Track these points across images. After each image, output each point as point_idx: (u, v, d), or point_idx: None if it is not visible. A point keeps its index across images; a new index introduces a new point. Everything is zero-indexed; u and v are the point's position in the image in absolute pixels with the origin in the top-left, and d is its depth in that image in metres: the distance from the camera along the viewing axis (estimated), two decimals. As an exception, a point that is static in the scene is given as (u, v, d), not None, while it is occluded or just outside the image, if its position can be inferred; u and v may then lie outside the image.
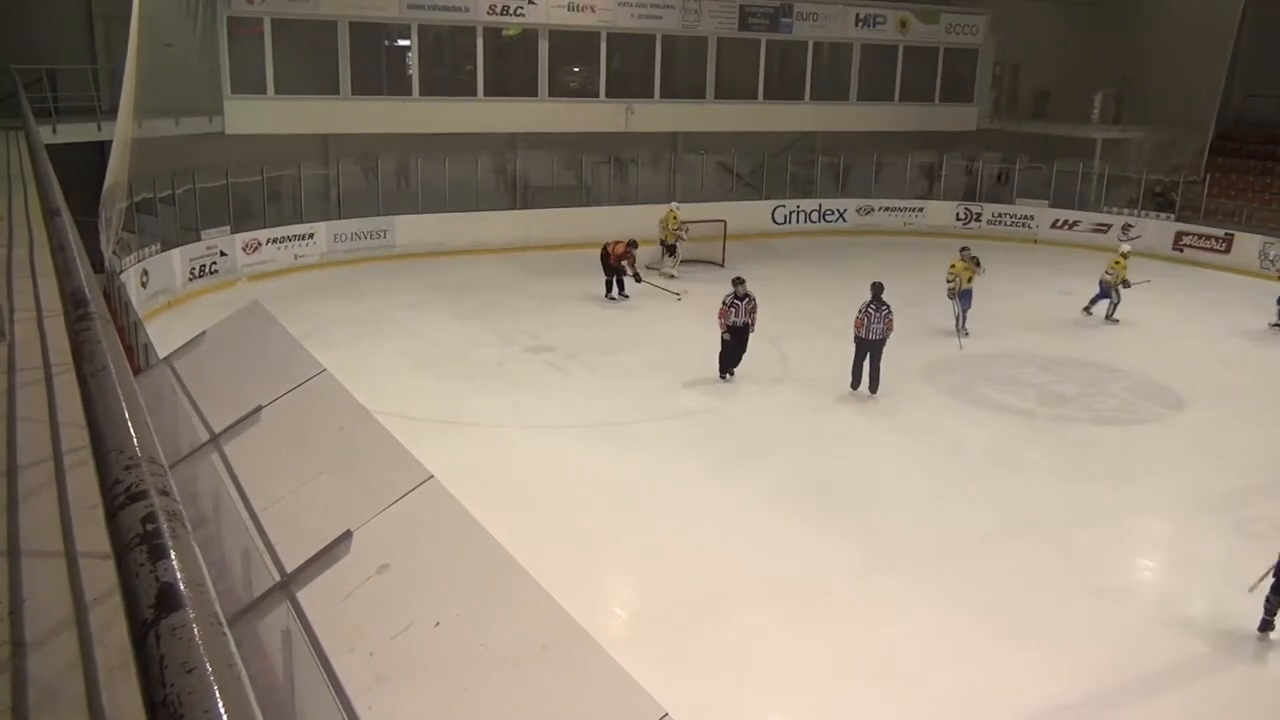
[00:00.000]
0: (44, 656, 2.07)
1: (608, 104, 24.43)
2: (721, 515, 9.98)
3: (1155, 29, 25.61)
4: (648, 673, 2.74)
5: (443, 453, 9.14)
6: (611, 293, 18.99)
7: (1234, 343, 17.14)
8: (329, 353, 11.95)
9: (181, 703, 0.93)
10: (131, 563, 1.16)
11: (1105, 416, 13.38)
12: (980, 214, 26.74)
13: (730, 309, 13.82)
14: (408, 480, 3.46)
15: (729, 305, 13.83)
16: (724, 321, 13.87)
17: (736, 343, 14.01)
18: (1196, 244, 23.89)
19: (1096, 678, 7.50)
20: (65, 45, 18.18)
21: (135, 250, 16.48)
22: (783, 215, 26.29)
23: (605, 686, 2.72)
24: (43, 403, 3.48)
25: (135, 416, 1.62)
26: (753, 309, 13.99)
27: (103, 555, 2.00)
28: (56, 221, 4.28)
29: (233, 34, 20.51)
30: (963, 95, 28.74)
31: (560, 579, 3.60)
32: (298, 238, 20.63)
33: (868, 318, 13.51)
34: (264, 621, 3.24)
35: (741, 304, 13.88)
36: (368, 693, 2.90)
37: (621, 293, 19.02)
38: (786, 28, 26.04)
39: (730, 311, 13.82)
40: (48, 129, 14.72)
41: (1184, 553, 9.86)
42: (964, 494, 10.76)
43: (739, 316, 13.89)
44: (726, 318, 13.86)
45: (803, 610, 8.27)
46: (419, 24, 22.39)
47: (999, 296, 19.90)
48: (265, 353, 5.52)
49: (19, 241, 6.34)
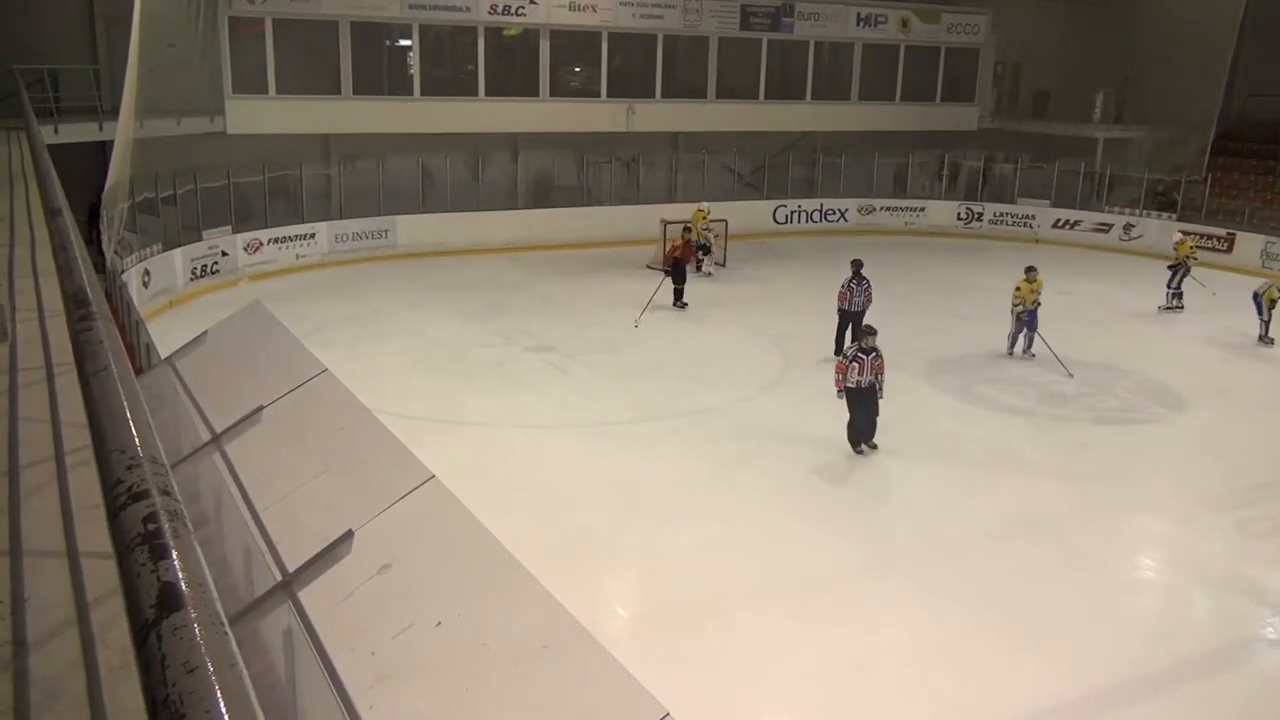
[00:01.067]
0: (45, 656, 2.07)
1: (609, 104, 24.44)
2: (722, 515, 9.98)
3: (1156, 28, 25.59)
4: (648, 672, 2.75)
5: (443, 452, 9.15)
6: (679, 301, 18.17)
7: (1235, 342, 17.12)
8: (330, 352, 11.97)
9: (183, 702, 0.93)
10: (133, 562, 1.16)
11: (1106, 416, 13.37)
12: (982, 214, 26.74)
13: (852, 365, 11.20)
14: (409, 480, 3.47)
15: (850, 360, 11.21)
16: (842, 380, 11.21)
17: (862, 408, 11.32)
18: (1198, 244, 23.82)
19: (1096, 678, 7.49)
20: (67, 45, 18.20)
21: (137, 250, 16.49)
22: (784, 215, 26.30)
23: (607, 686, 2.72)
24: (44, 402, 3.48)
25: (137, 416, 1.62)
26: (880, 367, 11.30)
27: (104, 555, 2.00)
28: (58, 221, 4.28)
29: (234, 34, 20.53)
30: (964, 95, 28.74)
31: (561, 578, 3.60)
32: (299, 237, 20.64)
33: (850, 291, 14.97)
34: (265, 621, 3.24)
35: (867, 359, 11.18)
36: (369, 692, 2.90)
37: (679, 300, 18.24)
38: (788, 27, 26.04)
39: (852, 368, 11.19)
40: (49, 129, 14.73)
41: (1184, 553, 9.85)
42: (964, 494, 10.75)
43: (863, 375, 11.20)
44: (846, 375, 11.21)
45: (803, 610, 8.27)
46: (420, 24, 22.40)
47: (1000, 297, 19.89)
48: (266, 352, 5.52)
49: (20, 241, 6.34)
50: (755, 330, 16.94)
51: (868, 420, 11.38)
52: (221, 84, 20.39)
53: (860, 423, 11.36)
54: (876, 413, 11.39)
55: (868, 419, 11.39)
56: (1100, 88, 26.93)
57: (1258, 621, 8.45)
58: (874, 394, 11.28)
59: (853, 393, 11.19)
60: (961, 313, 18.47)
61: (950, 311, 18.54)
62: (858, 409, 11.31)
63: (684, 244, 18.35)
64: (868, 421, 11.39)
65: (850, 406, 11.31)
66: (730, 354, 15.71)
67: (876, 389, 11.28)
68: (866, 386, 11.22)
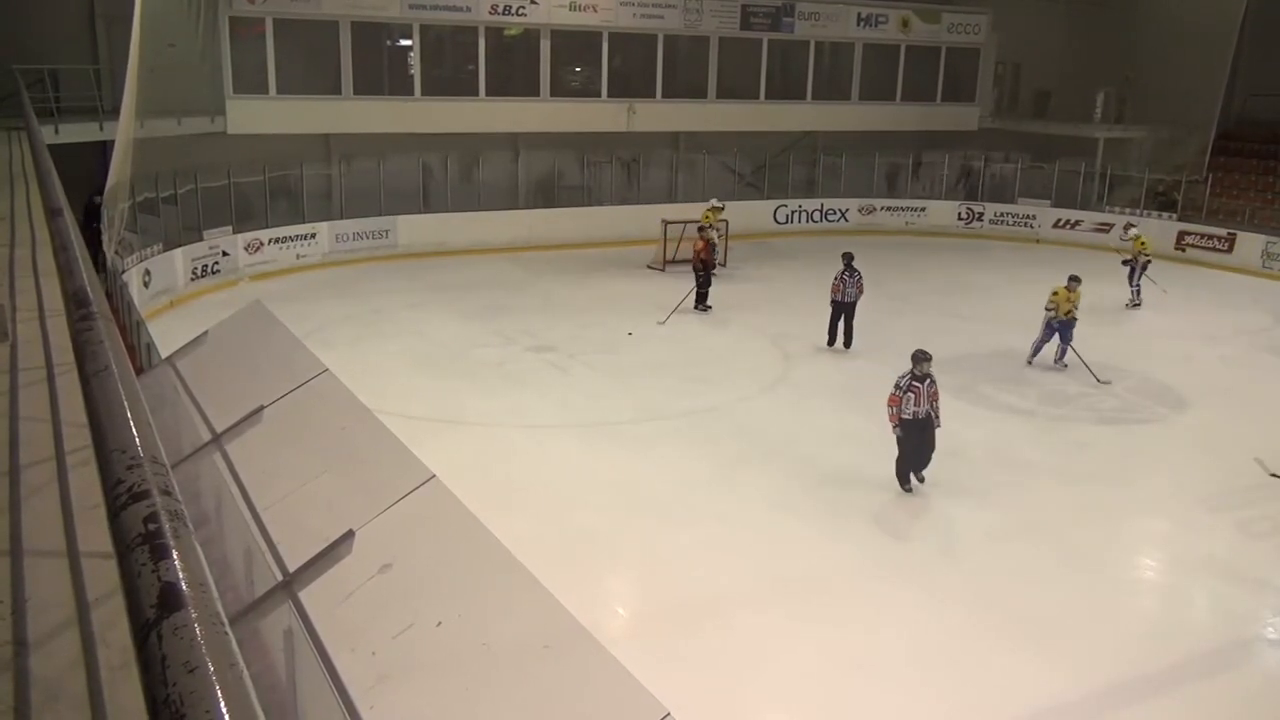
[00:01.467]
0: (46, 656, 2.07)
1: (609, 104, 24.44)
2: (722, 515, 9.98)
3: (1157, 28, 25.59)
4: (649, 672, 2.75)
5: (444, 452, 9.15)
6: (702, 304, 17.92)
7: (1236, 342, 17.12)
8: (330, 352, 11.97)
9: (183, 702, 0.93)
10: (133, 562, 1.16)
11: (1107, 416, 13.37)
12: (982, 214, 26.74)
13: (906, 395, 10.21)
14: (410, 480, 3.47)
15: (904, 391, 10.20)
16: (896, 413, 10.24)
17: (918, 441, 10.36)
18: (1199, 243, 23.88)
19: (1096, 678, 7.49)
20: (67, 45, 18.20)
21: (137, 250, 16.50)
22: (784, 215, 26.30)
23: (607, 686, 2.72)
24: (45, 402, 3.48)
25: (137, 416, 1.62)
26: (935, 394, 10.39)
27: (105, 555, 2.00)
28: (58, 221, 4.28)
29: (235, 34, 20.53)
30: (964, 95, 28.74)
31: (561, 578, 3.60)
32: (300, 237, 20.65)
33: (843, 283, 15.46)
34: (266, 621, 3.25)
35: (922, 387, 10.24)
36: (370, 692, 2.91)
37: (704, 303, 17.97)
38: (788, 27, 26.04)
39: (906, 399, 10.20)
40: (50, 129, 14.74)
41: (1184, 553, 9.85)
42: (965, 493, 10.74)
43: (919, 405, 10.25)
44: (901, 408, 10.21)
45: (803, 610, 8.27)
46: (420, 24, 22.41)
47: (1001, 296, 19.91)
48: (267, 352, 5.52)
49: (21, 241, 6.34)
50: (756, 330, 16.94)
51: (922, 454, 10.38)
52: (222, 84, 20.39)
53: (913, 457, 10.39)
54: (933, 446, 10.38)
55: (922, 453, 10.37)
56: (1101, 88, 26.94)
57: (1258, 621, 8.46)
58: (931, 425, 10.29)
59: (909, 425, 10.17)
60: (962, 313, 18.47)
61: (951, 311, 18.54)
62: (912, 442, 10.25)
63: (705, 244, 18.07)
64: (922, 456, 10.39)
65: (903, 440, 10.28)
66: (731, 354, 15.71)
67: (934, 419, 10.33)
68: (923, 417, 10.21)
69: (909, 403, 10.13)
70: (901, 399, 10.15)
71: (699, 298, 17.92)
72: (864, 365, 15.16)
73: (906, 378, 10.23)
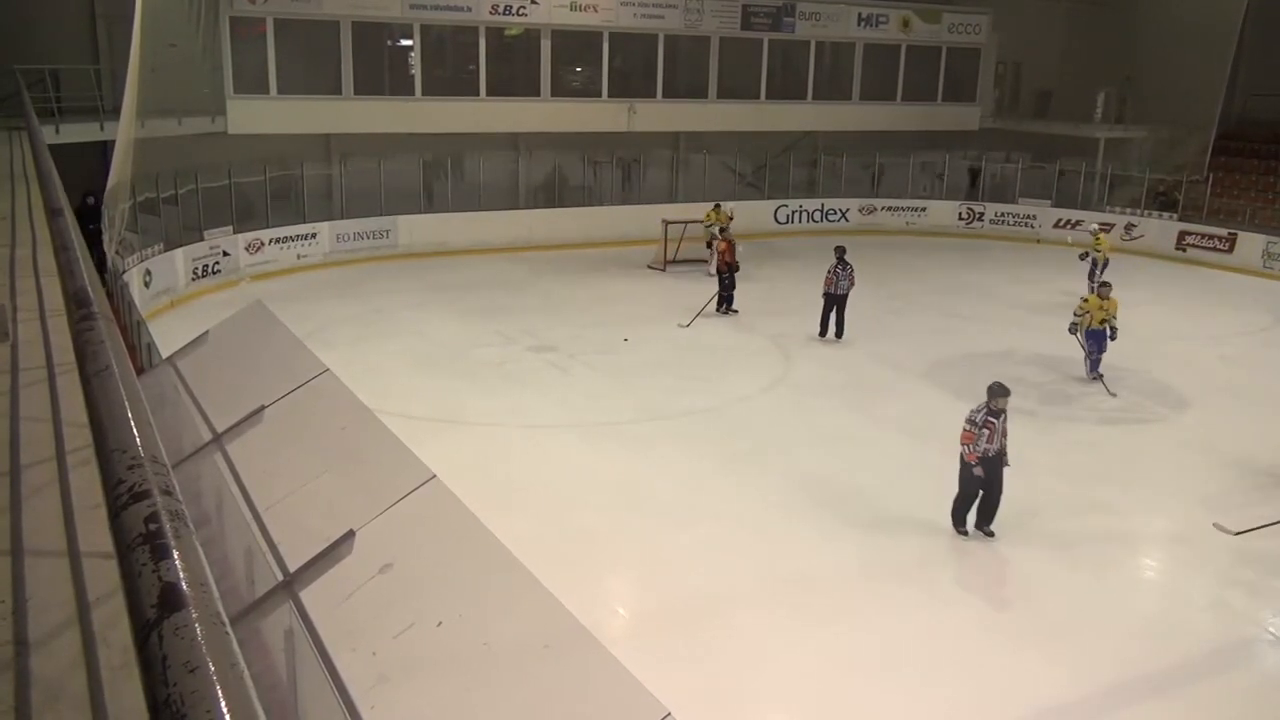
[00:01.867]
0: (47, 656, 2.07)
1: (610, 104, 24.44)
2: (723, 515, 9.98)
3: (1158, 28, 25.60)
4: (649, 672, 2.75)
5: (444, 452, 9.15)
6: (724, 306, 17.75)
7: (1237, 342, 17.12)
8: (331, 352, 11.97)
9: (184, 702, 0.93)
10: (134, 562, 1.16)
11: (1108, 416, 13.35)
12: (983, 213, 26.74)
13: (981, 431, 9.19)
14: (410, 480, 3.47)
15: (978, 426, 9.19)
16: (972, 450, 9.23)
17: (985, 481, 9.36)
18: (1199, 243, 23.87)
19: (1096, 678, 7.49)
20: (68, 45, 18.21)
21: (138, 250, 16.50)
22: (785, 215, 26.30)
23: (608, 686, 2.72)
24: (45, 402, 3.48)
25: (138, 416, 1.62)
26: (1006, 432, 9.43)
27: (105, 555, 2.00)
28: (59, 221, 4.28)
29: (235, 34, 20.54)
30: (965, 95, 28.74)
31: (561, 578, 3.60)
32: (300, 237, 20.65)
33: (836, 276, 16.02)
34: (267, 621, 3.25)
35: (997, 424, 9.23)
36: (370, 692, 2.91)
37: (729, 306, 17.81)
38: (789, 27, 26.04)
39: (980, 435, 9.19)
40: (51, 129, 14.74)
41: (1184, 553, 9.84)
42: (966, 494, 10.73)
43: (992, 442, 9.22)
44: (975, 445, 9.22)
45: (803, 610, 8.26)
46: (421, 24, 22.42)
47: (1001, 296, 19.91)
48: (268, 352, 5.53)
49: (22, 241, 6.34)
50: (756, 330, 16.94)
51: (990, 497, 9.41)
52: (223, 84, 20.40)
53: (974, 499, 9.45)
54: (1000, 489, 9.41)
55: (990, 496, 9.41)
56: (1101, 87, 26.94)
57: (1258, 621, 8.45)
58: (1000, 465, 9.34)
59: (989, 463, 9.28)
60: (962, 313, 18.46)
61: (951, 311, 18.53)
62: (981, 482, 9.33)
63: (728, 246, 17.82)
64: (990, 499, 9.42)
65: (970, 479, 9.35)
66: (731, 353, 15.71)
67: (1003, 458, 9.38)
68: (994, 455, 9.26)
69: (981, 439, 9.16)
70: (976, 435, 9.17)
71: (722, 300, 17.76)
72: (865, 365, 15.18)
73: (981, 412, 9.23)
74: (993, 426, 9.17)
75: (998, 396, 9.24)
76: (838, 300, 16.16)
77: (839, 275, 16.06)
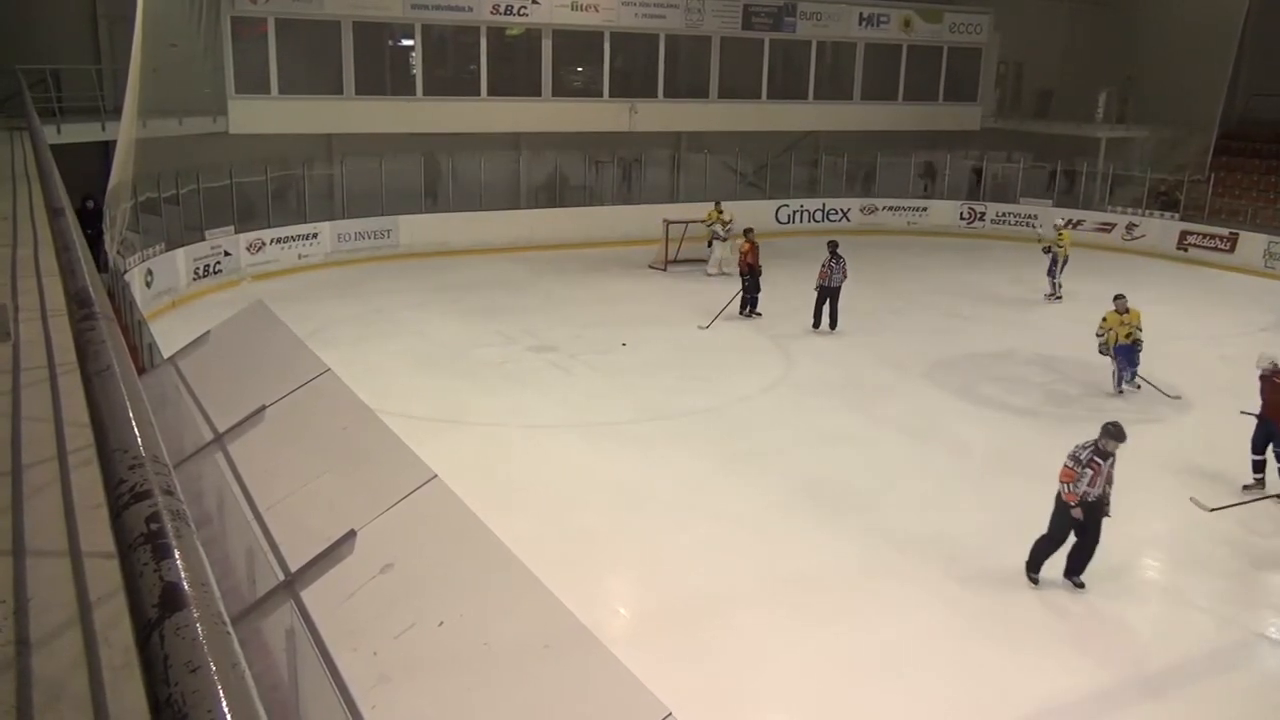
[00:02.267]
0: (48, 655, 2.07)
1: (611, 103, 24.44)
2: (723, 515, 9.98)
3: (1159, 28, 25.58)
4: (649, 672, 2.75)
5: (445, 452, 9.15)
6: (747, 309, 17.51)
7: (1238, 342, 17.08)
8: (332, 352, 11.96)
9: (185, 702, 0.93)
10: (135, 562, 1.16)
11: (1109, 416, 13.26)
12: (984, 213, 26.73)
13: (1084, 471, 8.41)
14: (411, 480, 3.47)
15: (1082, 465, 8.41)
16: (1072, 489, 8.43)
17: (1087, 527, 8.52)
18: (1201, 243, 23.86)
19: (1097, 678, 7.49)
20: (70, 45, 18.23)
21: (139, 250, 16.51)
22: (786, 215, 26.30)
23: (609, 685, 2.72)
24: (47, 402, 3.48)
25: (139, 416, 1.62)
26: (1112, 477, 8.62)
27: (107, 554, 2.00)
28: (60, 221, 4.28)
29: (237, 34, 20.56)
30: (966, 94, 28.74)
31: (562, 578, 3.60)
32: (302, 237, 20.66)
33: (830, 269, 16.40)
34: (268, 621, 3.25)
35: (1104, 465, 8.45)
36: (371, 692, 2.91)
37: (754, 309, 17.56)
38: (790, 27, 26.04)
39: (1083, 475, 8.40)
40: (52, 129, 14.75)
41: (1185, 553, 9.83)
42: (966, 494, 10.74)
43: (1093, 485, 8.41)
44: (1075, 484, 8.42)
45: (804, 610, 8.26)
46: (422, 24, 22.42)
47: (1002, 297, 19.90)
48: (269, 352, 5.53)
49: (23, 241, 6.35)
50: (756, 330, 16.95)
51: (1085, 546, 8.57)
52: (224, 84, 20.41)
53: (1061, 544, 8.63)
54: (1097, 539, 8.55)
55: (1085, 544, 8.56)
56: (1103, 87, 26.91)
57: (1258, 621, 8.45)
58: (1100, 512, 8.52)
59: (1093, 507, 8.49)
60: (964, 313, 18.46)
61: (953, 311, 18.53)
62: (1077, 529, 8.49)
63: (751, 247, 17.47)
64: (1083, 548, 8.58)
65: (1063, 522, 8.51)
66: (731, 353, 15.70)
67: (1105, 505, 8.55)
68: (1095, 500, 8.45)
69: (1083, 480, 8.36)
70: (1077, 474, 8.38)
71: (746, 303, 17.51)
72: (865, 365, 15.17)
73: (1088, 451, 8.44)
74: (1098, 468, 8.39)
75: (1111, 439, 8.44)
76: (831, 292, 16.53)
77: (832, 268, 16.43)
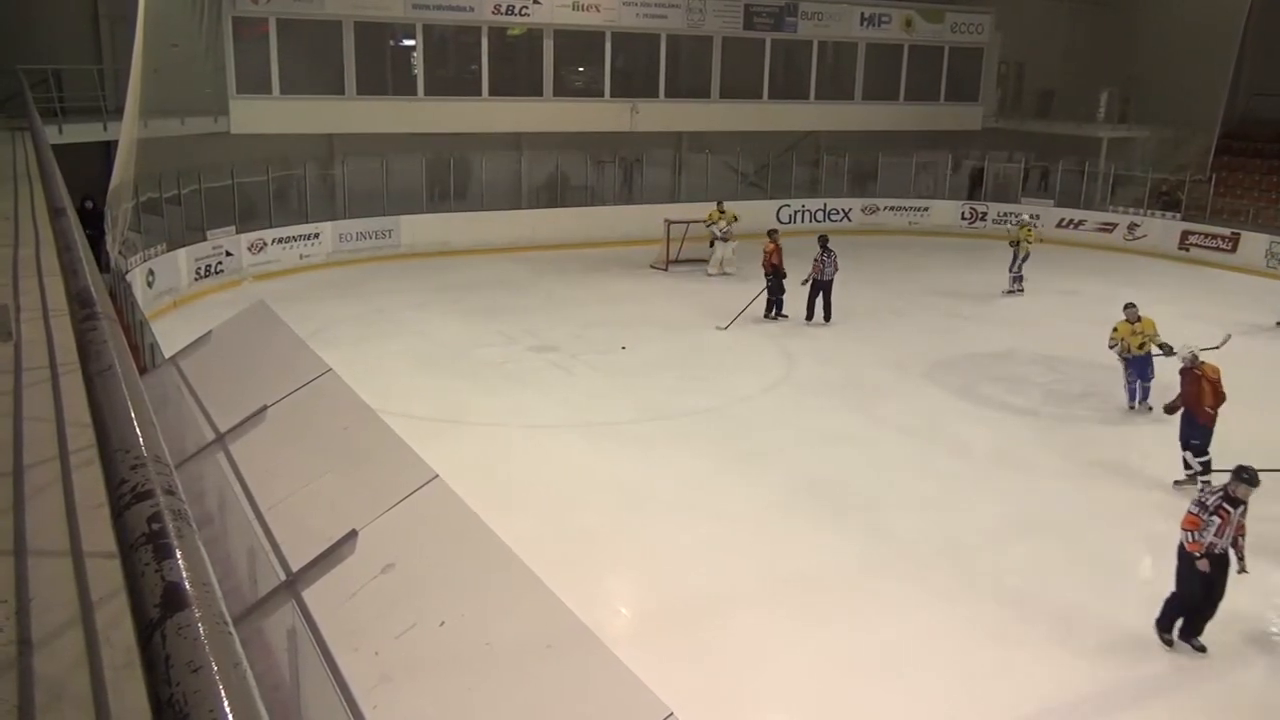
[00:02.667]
0: (49, 655, 2.07)
1: (613, 103, 24.44)
2: (724, 514, 9.98)
3: (1160, 27, 25.56)
4: (650, 671, 2.74)
5: (446, 452, 9.14)
6: (773, 311, 17.31)
7: (1239, 342, 17.04)
8: (334, 352, 11.96)
9: (187, 702, 0.94)
10: (137, 562, 1.16)
11: (1109, 416, 13.34)
12: (985, 213, 26.71)
13: (1210, 519, 7.53)
14: (413, 480, 3.47)
15: (1209, 513, 7.54)
16: (1196, 539, 7.59)
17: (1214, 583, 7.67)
18: (1202, 243, 23.84)
19: (1097, 678, 7.49)
20: (71, 45, 18.23)
21: (141, 250, 16.51)
22: (787, 214, 26.27)
23: (610, 685, 2.72)
24: (48, 402, 3.49)
25: (141, 416, 1.62)
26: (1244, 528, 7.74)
27: (108, 554, 2.01)
28: (62, 221, 4.29)
29: (238, 34, 20.56)
30: (968, 94, 28.72)
31: (563, 578, 3.60)
32: (303, 237, 20.66)
33: (822, 263, 16.77)
34: (269, 621, 3.25)
35: (1233, 514, 7.57)
36: (373, 692, 2.91)
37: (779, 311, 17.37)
38: (791, 27, 26.03)
39: (1209, 524, 7.54)
40: (54, 129, 14.75)
41: (1189, 553, 9.81)
42: (967, 493, 10.73)
43: (1219, 536, 7.57)
44: (1199, 533, 7.57)
45: (805, 609, 8.26)
46: (424, 24, 22.43)
47: (1003, 297, 19.89)
48: (270, 352, 5.53)
49: (25, 241, 6.35)
50: (757, 330, 16.94)
51: (1209, 602, 7.70)
52: (225, 84, 20.42)
53: (1198, 603, 7.73)
54: (1222, 594, 7.69)
55: (1209, 600, 7.70)
56: (1104, 87, 26.90)
57: (1258, 621, 8.43)
58: (1227, 566, 7.69)
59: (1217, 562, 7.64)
60: (965, 313, 18.45)
61: (954, 311, 18.53)
62: (1203, 584, 7.62)
63: (775, 247, 17.23)
64: (1209, 603, 7.71)
65: (1190, 576, 7.64)
66: (732, 353, 15.71)
67: (1235, 558, 7.71)
68: (1219, 553, 7.60)
69: (1209, 529, 7.50)
70: (1203, 523, 7.51)
71: (771, 305, 17.29)
72: (865, 365, 15.17)
73: (1216, 498, 7.59)
74: (1226, 516, 7.50)
75: (1243, 484, 7.55)
76: (824, 285, 16.87)
77: (825, 262, 16.76)
